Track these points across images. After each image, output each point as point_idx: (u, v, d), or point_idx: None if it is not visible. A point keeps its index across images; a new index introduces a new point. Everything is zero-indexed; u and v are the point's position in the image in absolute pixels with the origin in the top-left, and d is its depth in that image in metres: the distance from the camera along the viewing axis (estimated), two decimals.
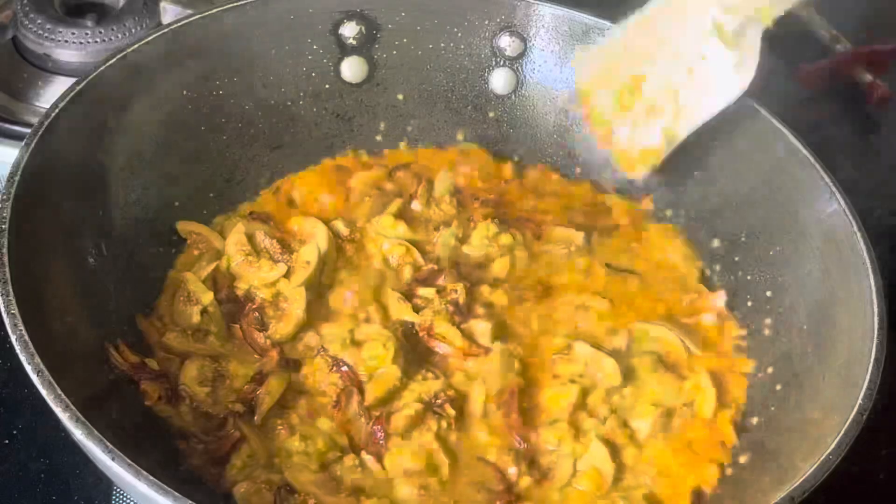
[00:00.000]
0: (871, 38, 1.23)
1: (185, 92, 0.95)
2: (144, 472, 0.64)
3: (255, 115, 1.00)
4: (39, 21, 1.12)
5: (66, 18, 1.13)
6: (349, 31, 1.02)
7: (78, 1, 1.16)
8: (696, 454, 0.84)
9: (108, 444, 0.66)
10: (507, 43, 1.05)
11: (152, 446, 0.77)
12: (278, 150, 1.01)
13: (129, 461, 0.65)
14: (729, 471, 0.83)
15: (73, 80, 0.87)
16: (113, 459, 0.65)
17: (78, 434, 0.66)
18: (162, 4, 1.14)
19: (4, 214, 0.76)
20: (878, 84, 1.19)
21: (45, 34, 1.11)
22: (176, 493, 0.63)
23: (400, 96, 1.05)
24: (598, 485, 0.81)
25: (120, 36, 1.12)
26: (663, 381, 0.88)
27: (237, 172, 0.99)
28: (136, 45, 0.91)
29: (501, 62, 1.06)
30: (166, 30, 0.94)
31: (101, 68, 0.88)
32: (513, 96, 1.07)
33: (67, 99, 0.85)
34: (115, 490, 0.87)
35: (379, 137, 1.06)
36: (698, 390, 0.88)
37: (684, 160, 1.00)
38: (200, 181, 0.96)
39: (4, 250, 0.74)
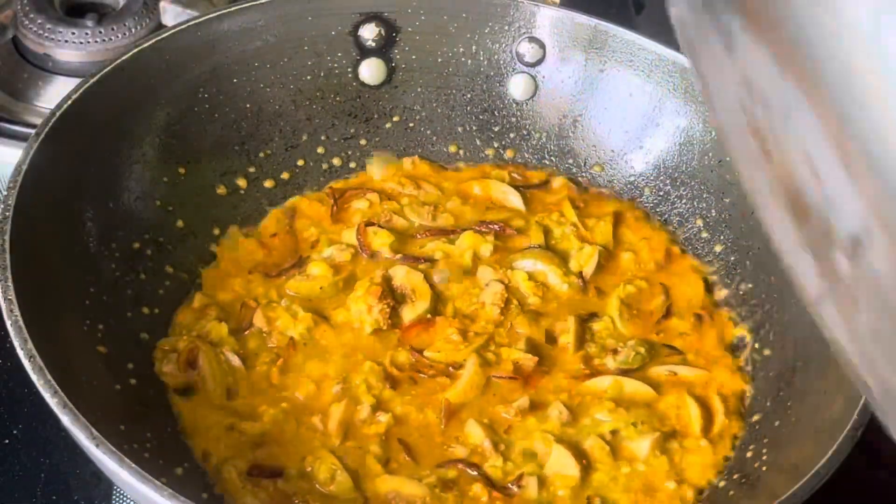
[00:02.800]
0: None
1: (200, 91, 0.95)
2: (145, 473, 0.64)
3: (271, 115, 1.00)
4: (39, 21, 1.12)
5: (67, 18, 1.13)
6: (368, 32, 1.02)
7: (78, 1, 1.17)
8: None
9: (109, 444, 0.66)
10: (526, 49, 1.04)
11: (154, 446, 0.77)
12: (294, 150, 1.01)
13: (130, 461, 0.65)
14: (722, 483, 0.82)
15: (73, 79, 0.88)
16: (113, 460, 0.65)
17: (78, 434, 0.66)
18: (162, 4, 1.14)
19: (7, 214, 0.76)
20: None
21: (45, 34, 1.11)
22: (176, 494, 0.64)
23: (418, 102, 1.05)
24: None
25: (120, 36, 1.12)
26: None
27: (251, 170, 0.99)
28: (142, 46, 0.91)
29: (520, 68, 1.05)
30: (174, 30, 0.94)
31: (106, 69, 0.88)
32: (530, 102, 1.06)
33: (72, 100, 0.85)
34: (115, 490, 0.87)
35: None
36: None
37: (684, 165, 1.01)
38: (206, 181, 0.96)
39: (6, 249, 0.74)
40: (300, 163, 1.01)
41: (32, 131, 0.83)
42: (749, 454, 0.83)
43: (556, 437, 0.83)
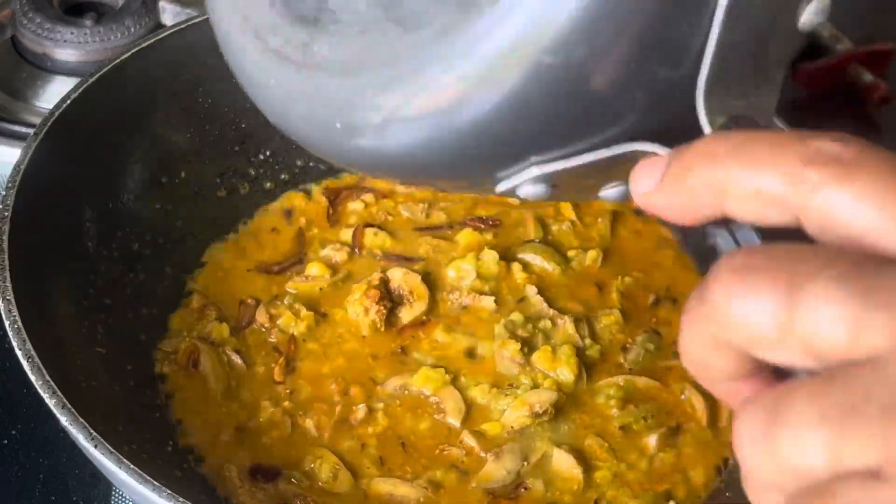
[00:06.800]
0: (872, 38, 1.23)
1: (200, 90, 0.95)
2: (143, 474, 0.64)
3: None
4: (38, 20, 1.11)
5: (65, 18, 1.13)
6: None
7: (77, 0, 1.16)
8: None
9: (108, 444, 0.66)
10: None
11: (154, 447, 0.77)
12: (294, 151, 1.01)
13: (128, 462, 0.65)
14: (721, 483, 0.82)
15: (72, 79, 0.88)
16: (112, 460, 0.65)
17: (76, 434, 0.66)
18: (161, 4, 1.14)
19: (6, 214, 0.76)
20: (878, 84, 1.18)
21: (44, 33, 1.11)
22: (175, 494, 0.63)
23: None
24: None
25: (119, 35, 1.12)
26: None
27: (250, 171, 0.99)
28: (141, 46, 0.91)
29: None
30: (174, 29, 0.93)
31: (105, 69, 0.88)
32: None
33: (71, 99, 0.85)
34: (115, 490, 0.86)
35: None
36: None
37: None
38: (206, 181, 0.96)
39: (5, 249, 0.74)
40: (300, 163, 1.01)
41: (31, 131, 0.83)
42: None
43: (555, 440, 0.83)
